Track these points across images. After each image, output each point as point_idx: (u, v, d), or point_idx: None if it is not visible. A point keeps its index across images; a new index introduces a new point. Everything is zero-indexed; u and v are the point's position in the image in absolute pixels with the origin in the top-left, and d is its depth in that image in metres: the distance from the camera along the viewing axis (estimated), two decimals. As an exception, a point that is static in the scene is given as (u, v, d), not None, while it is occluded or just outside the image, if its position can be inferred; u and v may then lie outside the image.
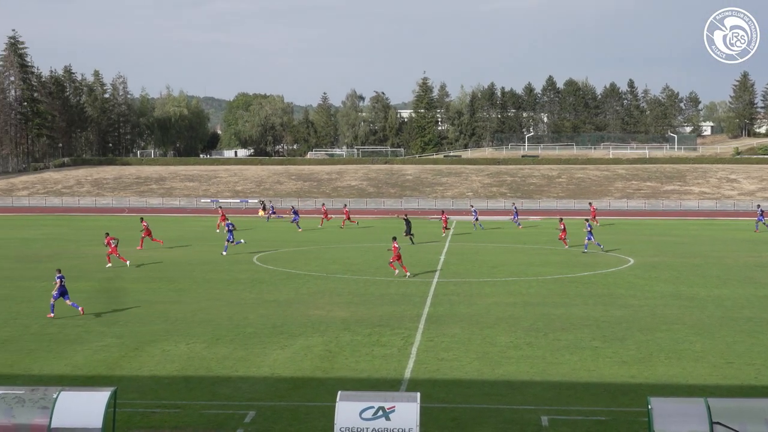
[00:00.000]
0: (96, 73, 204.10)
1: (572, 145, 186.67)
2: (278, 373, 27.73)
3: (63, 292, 36.67)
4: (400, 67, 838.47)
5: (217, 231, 75.86)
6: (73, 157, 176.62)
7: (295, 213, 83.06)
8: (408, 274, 48.14)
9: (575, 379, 26.74)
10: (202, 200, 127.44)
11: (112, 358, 29.63)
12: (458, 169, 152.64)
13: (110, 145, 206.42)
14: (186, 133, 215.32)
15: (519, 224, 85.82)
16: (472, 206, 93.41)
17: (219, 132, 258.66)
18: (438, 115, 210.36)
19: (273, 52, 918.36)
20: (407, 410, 18.22)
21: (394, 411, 18.14)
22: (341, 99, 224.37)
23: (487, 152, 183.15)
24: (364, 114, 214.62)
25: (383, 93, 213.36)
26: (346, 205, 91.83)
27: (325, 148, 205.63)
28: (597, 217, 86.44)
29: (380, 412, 18.15)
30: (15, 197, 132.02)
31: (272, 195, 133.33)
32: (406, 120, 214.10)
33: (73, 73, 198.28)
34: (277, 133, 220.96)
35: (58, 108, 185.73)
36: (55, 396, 18.87)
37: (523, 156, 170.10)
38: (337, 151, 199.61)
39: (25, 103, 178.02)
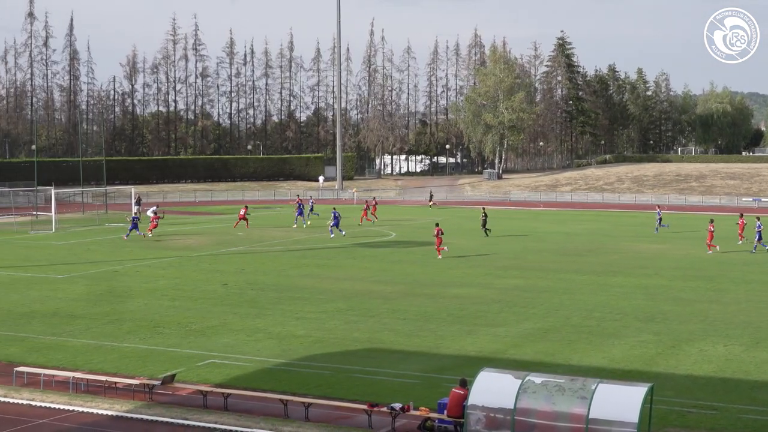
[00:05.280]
0: (639, 71, 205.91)
1: None
2: (822, 383, 26.46)
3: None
4: None
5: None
6: (614, 155, 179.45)
7: (300, 207, 76.03)
8: (440, 256, 53.96)
9: None
10: (743, 199, 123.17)
11: (648, 354, 30.04)
12: None
13: (651, 142, 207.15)
14: (728, 130, 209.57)
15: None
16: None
17: (762, 129, 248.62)
18: None
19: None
20: None
21: None
22: None
23: None
24: None
25: None
26: (368, 200, 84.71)
27: None
28: None
29: None
30: (558, 192, 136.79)
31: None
32: None
33: (617, 72, 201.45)
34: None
35: (602, 106, 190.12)
36: (593, 387, 19.63)
37: None
38: None
39: (571, 102, 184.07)
